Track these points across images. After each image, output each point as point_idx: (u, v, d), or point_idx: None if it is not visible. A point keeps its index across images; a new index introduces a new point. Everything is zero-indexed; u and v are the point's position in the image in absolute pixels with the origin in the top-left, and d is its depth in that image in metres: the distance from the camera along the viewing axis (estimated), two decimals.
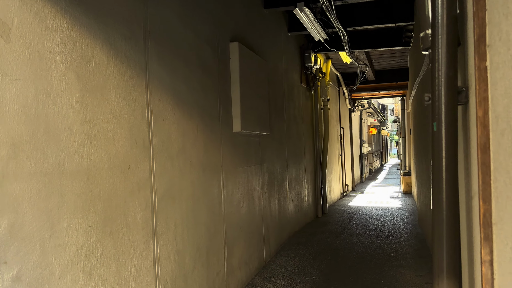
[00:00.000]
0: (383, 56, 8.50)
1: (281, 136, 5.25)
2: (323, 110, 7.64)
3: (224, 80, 3.59)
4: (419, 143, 5.61)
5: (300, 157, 6.22)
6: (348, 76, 10.07)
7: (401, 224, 6.42)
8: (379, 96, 11.99)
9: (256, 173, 4.30)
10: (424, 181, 5.09)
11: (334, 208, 8.26)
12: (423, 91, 4.55)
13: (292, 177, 5.76)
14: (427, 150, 4.38)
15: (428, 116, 4.03)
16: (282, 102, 5.36)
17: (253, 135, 4.20)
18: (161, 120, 2.59)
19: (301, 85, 6.45)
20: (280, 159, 5.20)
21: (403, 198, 9.76)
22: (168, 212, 2.64)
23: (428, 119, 4.06)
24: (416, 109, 6.19)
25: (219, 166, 3.42)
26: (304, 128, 6.53)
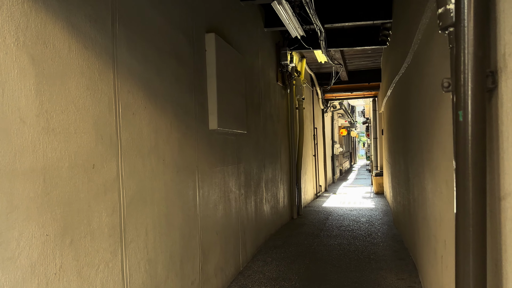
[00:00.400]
0: (357, 56, 8.47)
1: (257, 135, 5.05)
2: (298, 109, 7.50)
3: (200, 73, 3.35)
4: (396, 143, 5.55)
5: (276, 157, 6.04)
6: (321, 76, 10.01)
7: (376, 225, 6.36)
8: (352, 97, 12.02)
9: (232, 174, 4.07)
10: (402, 181, 5.03)
11: (308, 209, 8.13)
12: (402, 89, 4.47)
13: (269, 177, 5.56)
14: (407, 150, 4.30)
15: (407, 116, 3.94)
16: (258, 100, 5.16)
17: (229, 133, 3.97)
18: (130, 114, 2.32)
19: (277, 83, 6.28)
20: (257, 159, 4.99)
21: (375, 199, 9.78)
22: (139, 216, 2.37)
23: (408, 119, 3.97)
24: (392, 109, 6.15)
25: (195, 166, 3.17)
26: (280, 128, 6.36)
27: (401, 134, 4.98)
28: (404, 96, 4.40)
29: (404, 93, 4.35)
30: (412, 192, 4.04)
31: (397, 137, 5.36)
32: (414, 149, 3.77)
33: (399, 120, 5.09)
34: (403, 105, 4.54)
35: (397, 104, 5.28)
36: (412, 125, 3.85)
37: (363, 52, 7.99)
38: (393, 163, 6.25)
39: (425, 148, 3.00)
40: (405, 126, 4.39)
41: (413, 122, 3.72)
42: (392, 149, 6.26)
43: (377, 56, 8.54)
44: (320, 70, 9.68)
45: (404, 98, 4.42)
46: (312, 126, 9.91)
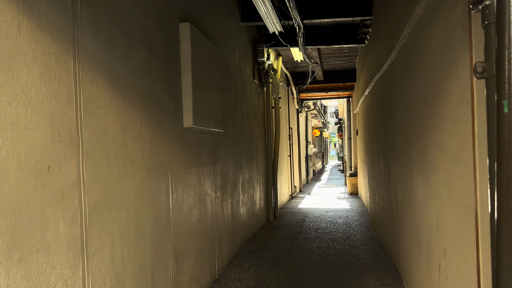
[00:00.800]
0: (333, 55, 8.37)
1: (234, 134, 4.80)
2: (275, 108, 7.31)
3: (173, 66, 3.07)
4: (375, 144, 5.45)
5: (253, 158, 5.81)
6: (297, 76, 9.87)
7: (354, 227, 6.24)
8: (327, 97, 11.97)
9: (208, 175, 3.80)
10: (381, 182, 4.91)
11: (284, 210, 7.95)
12: (385, 88, 4.34)
13: (245, 179, 5.33)
14: (389, 150, 4.16)
15: (390, 115, 3.80)
16: (235, 97, 4.91)
17: (205, 132, 3.71)
18: (94, 108, 2.03)
19: (254, 81, 6.05)
20: (233, 160, 4.75)
21: (350, 199, 9.73)
22: (104, 225, 2.08)
23: (391, 118, 3.83)
24: (370, 109, 6.05)
25: (168, 167, 2.90)
26: (257, 127, 6.13)
27: (381, 134, 4.86)
28: (386, 95, 4.28)
29: (387, 91, 4.22)
30: (395, 194, 3.90)
31: (376, 137, 5.25)
32: (398, 149, 3.63)
33: (379, 120, 4.97)
34: (385, 104, 4.41)
35: (377, 103, 5.17)
36: (396, 124, 3.71)
37: (340, 51, 7.89)
38: (371, 164, 6.15)
39: (414, 148, 2.85)
40: (387, 125, 4.27)
41: (398, 121, 3.58)
42: (370, 149, 6.17)
43: (353, 56, 8.47)
44: (296, 69, 9.54)
45: (386, 96, 4.29)
46: (288, 126, 9.76)
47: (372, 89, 5.47)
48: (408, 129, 3.10)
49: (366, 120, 6.70)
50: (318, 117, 19.44)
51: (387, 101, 4.20)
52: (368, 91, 5.97)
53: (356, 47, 7.66)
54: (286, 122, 9.56)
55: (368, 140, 6.51)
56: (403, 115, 3.36)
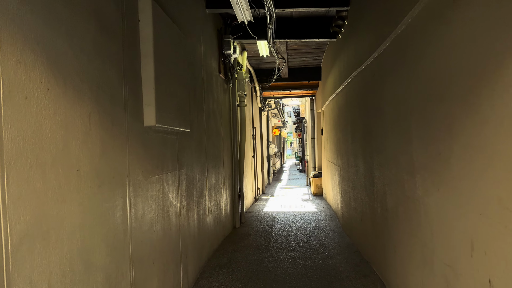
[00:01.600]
0: (300, 52, 8.00)
1: (200, 134, 4.25)
2: (240, 106, 6.80)
3: (132, 50, 2.49)
4: (351, 145, 5.10)
5: (219, 160, 5.27)
6: (261, 72, 9.42)
7: (325, 232, 5.89)
8: (290, 96, 11.64)
9: (173, 183, 3.24)
10: (360, 186, 4.56)
11: (250, 215, 7.47)
12: (368, 84, 3.97)
13: (212, 184, 4.78)
14: (374, 152, 3.80)
15: (378, 114, 3.43)
16: (201, 92, 4.36)
17: (170, 131, 3.14)
18: (22, 99, 1.44)
19: (219, 75, 5.51)
20: (200, 163, 4.19)
21: (315, 201, 9.43)
22: (36, 263, 1.49)
23: (379, 117, 3.46)
24: (344, 108, 5.72)
25: (125, 175, 2.31)
26: (223, 126, 5.60)
27: (360, 134, 4.51)
28: (369, 92, 3.91)
29: (371, 88, 3.85)
30: (381, 200, 3.54)
31: (353, 138, 4.91)
32: (387, 151, 3.26)
33: (358, 119, 4.62)
34: (367, 102, 4.05)
35: (355, 101, 4.81)
36: (384, 124, 3.34)
37: (308, 47, 7.53)
38: (344, 166, 5.82)
39: (419, 151, 2.46)
40: (371, 125, 3.90)
41: (388, 120, 3.21)
42: (343, 150, 5.84)
43: (319, 53, 8.16)
44: (260, 65, 9.08)
45: (369, 93, 3.92)
46: (251, 126, 9.29)
47: (348, 86, 5.12)
48: (407, 129, 2.72)
49: (338, 119, 6.38)
50: (278, 116, 19.17)
51: (371, 99, 3.84)
52: (342, 88, 5.63)
53: (324, 43, 7.34)
54: (250, 121, 9.09)
55: (340, 140, 6.18)
56: (396, 114, 2.98)
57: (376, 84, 3.65)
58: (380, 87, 3.51)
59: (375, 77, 3.68)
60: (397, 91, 2.93)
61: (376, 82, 3.63)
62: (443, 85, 2.05)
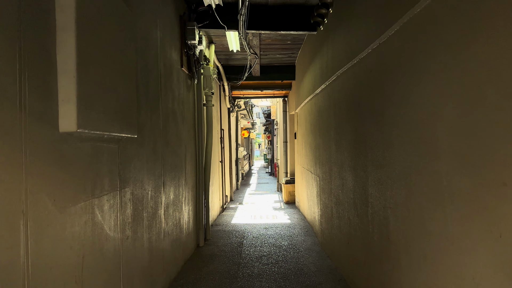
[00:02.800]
0: (274, 47, 7.27)
1: (155, 140, 3.40)
2: (206, 106, 5.98)
3: (39, 18, 1.64)
4: (336, 153, 4.40)
5: (181, 170, 4.43)
6: (230, 70, 8.62)
7: (303, 252, 5.17)
8: (262, 96, 10.89)
9: (111, 207, 2.39)
10: (346, 203, 3.86)
11: (217, 229, 6.65)
12: (362, 82, 3.28)
13: (170, 200, 3.94)
14: (367, 165, 3.10)
15: (377, 120, 2.73)
16: (157, 88, 3.52)
17: (106, 138, 2.29)
18: None
19: (182, 70, 4.67)
20: (154, 176, 3.35)
21: (288, 210, 8.73)
22: None
23: (378, 123, 2.75)
24: (325, 111, 5.02)
25: (18, 209, 1.47)
26: (186, 129, 4.76)
27: (348, 143, 3.81)
28: (366, 92, 3.21)
29: (367, 87, 3.15)
30: (382, 226, 2.84)
31: (338, 145, 4.21)
32: (397, 167, 2.56)
33: (346, 124, 3.92)
34: (362, 104, 3.34)
35: (341, 103, 4.11)
36: (390, 132, 2.63)
37: (282, 42, 6.81)
38: (325, 176, 5.12)
39: (460, 175, 1.75)
40: (367, 133, 3.20)
41: (402, 128, 2.50)
42: (324, 158, 5.14)
43: (295, 49, 7.46)
44: (230, 62, 8.28)
45: (366, 94, 3.22)
46: (219, 128, 8.47)
47: (332, 85, 4.42)
48: (430, 140, 2.01)
49: (317, 123, 5.68)
50: (248, 117, 18.41)
51: (366, 100, 3.14)
52: (323, 88, 4.93)
53: (300, 38, 6.64)
54: (218, 123, 8.27)
55: (319, 147, 5.48)
56: (409, 120, 2.28)
57: (374, 82, 2.95)
58: (379, 86, 2.81)
59: (372, 73, 2.97)
60: (414, 90, 2.22)
61: (375, 80, 2.93)
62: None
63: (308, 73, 6.38)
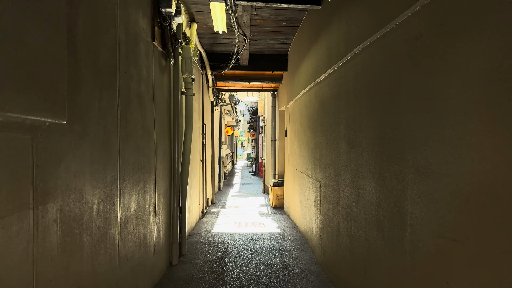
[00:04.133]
0: (266, 30, 6.32)
1: (108, 131, 2.41)
2: (186, 95, 4.99)
3: None
4: (344, 153, 3.50)
5: (148, 172, 3.44)
6: (215, 57, 7.64)
7: (299, 274, 4.26)
8: (249, 89, 9.92)
9: (14, 237, 1.40)
10: (360, 217, 2.95)
11: (195, 240, 5.67)
12: (392, 59, 2.37)
13: (131, 213, 2.95)
14: (392, 167, 2.19)
15: (411, 108, 1.83)
16: (112, 60, 2.53)
17: (2, 122, 1.31)
18: None
19: (153, 44, 3.68)
20: (103, 183, 2.36)
21: (276, 216, 7.82)
22: None
23: (409, 113, 1.85)
24: (326, 102, 4.10)
25: None
26: (157, 120, 3.77)
27: (369, 141, 2.91)
28: (408, 70, 2.30)
29: (409, 63, 2.24)
30: (440, 264, 1.94)
31: (351, 144, 3.30)
32: (476, 178, 1.66)
33: (365, 117, 3.01)
34: (401, 88, 2.44)
35: (358, 89, 3.21)
36: (453, 127, 1.73)
37: (277, 22, 5.87)
38: (331, 183, 4.21)
39: None
40: (407, 128, 2.29)
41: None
42: (327, 160, 4.23)
43: (289, 34, 6.53)
44: (214, 47, 7.30)
45: (407, 73, 2.31)
46: (201, 122, 7.48)
47: (345, 68, 3.51)
48: None
49: (318, 117, 4.77)
50: (232, 113, 17.42)
51: (415, 82, 2.23)
52: (330, 73, 4.02)
53: (297, 20, 5.73)
54: (200, 117, 7.28)
55: (322, 146, 4.56)
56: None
57: (425, 52, 2.04)
58: (438, 57, 1.90)
59: (421, 40, 2.06)
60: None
61: (426, 49, 2.02)
62: None
63: (305, 61, 5.46)
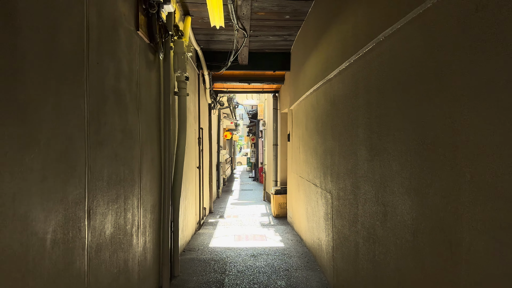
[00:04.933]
0: (267, 25, 5.79)
1: (69, 136, 1.84)
2: (179, 96, 4.44)
3: None
4: (365, 161, 2.94)
5: (131, 185, 2.87)
6: (212, 57, 7.10)
7: None
8: (249, 90, 9.37)
9: None
10: (388, 242, 2.39)
11: (189, 257, 5.10)
12: (438, 39, 1.80)
13: (106, 237, 2.37)
14: (445, 178, 1.64)
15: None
16: (77, 47, 1.97)
17: None
18: None
19: (138, 34, 3.13)
20: (62, 204, 1.79)
21: (279, 227, 7.25)
22: None
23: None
24: (338, 101, 3.55)
25: None
26: (144, 123, 3.21)
27: (400, 147, 2.36)
28: (461, 51, 1.75)
29: (484, 31, 1.69)
30: None
31: (374, 150, 2.75)
32: None
33: (396, 116, 2.46)
34: (454, 76, 1.88)
35: (388, 82, 2.66)
36: None
37: (280, 15, 5.33)
38: (346, 195, 3.65)
39: None
40: (467, 124, 1.74)
41: None
42: (340, 169, 3.67)
43: (293, 29, 6.00)
44: (211, 45, 6.76)
45: (467, 55, 1.76)
46: (197, 126, 6.92)
47: (366, 60, 2.96)
48: None
49: (329, 119, 4.22)
50: (230, 117, 16.87)
51: (478, 65, 1.68)
52: (342, 68, 3.47)
53: (303, 12, 5.19)
54: (196, 121, 6.72)
55: (333, 152, 4.01)
56: None
57: (490, 30, 1.49)
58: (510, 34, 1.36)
59: (486, 12, 1.51)
60: None
61: (491, 25, 1.48)
62: None
63: (312, 57, 4.92)
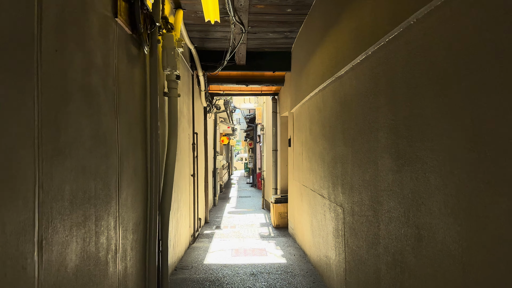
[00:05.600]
0: (267, 20, 5.32)
1: (9, 146, 1.35)
2: (169, 97, 3.95)
3: None
4: (389, 172, 2.46)
5: (106, 202, 2.36)
6: (207, 56, 6.62)
7: None
8: (247, 93, 8.89)
9: None
10: (430, 273, 1.90)
11: (181, 277, 4.58)
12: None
13: (66, 273, 1.85)
14: None
15: None
16: (21, 25, 1.47)
17: None
18: None
19: (116, 21, 2.64)
20: None
21: (279, 239, 6.75)
22: None
23: None
24: (351, 101, 3.07)
25: None
26: (124, 127, 2.70)
27: (441, 159, 1.88)
28: None
29: None
30: None
31: (402, 159, 2.27)
32: None
33: (433, 121, 1.99)
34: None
35: (424, 75, 2.18)
36: None
37: (280, 9, 4.86)
38: (361, 212, 3.16)
39: None
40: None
41: None
42: (354, 180, 3.18)
43: (295, 25, 5.54)
44: (206, 44, 6.28)
45: None
46: (192, 131, 6.42)
47: (388, 50, 2.49)
48: None
49: (339, 123, 3.74)
50: (227, 121, 16.38)
51: None
52: (356, 64, 2.99)
53: (306, 3, 4.72)
54: (190, 125, 6.22)
55: (345, 160, 3.52)
56: None
57: None
58: None
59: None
60: None
61: None
62: None
63: (317, 54, 4.45)
